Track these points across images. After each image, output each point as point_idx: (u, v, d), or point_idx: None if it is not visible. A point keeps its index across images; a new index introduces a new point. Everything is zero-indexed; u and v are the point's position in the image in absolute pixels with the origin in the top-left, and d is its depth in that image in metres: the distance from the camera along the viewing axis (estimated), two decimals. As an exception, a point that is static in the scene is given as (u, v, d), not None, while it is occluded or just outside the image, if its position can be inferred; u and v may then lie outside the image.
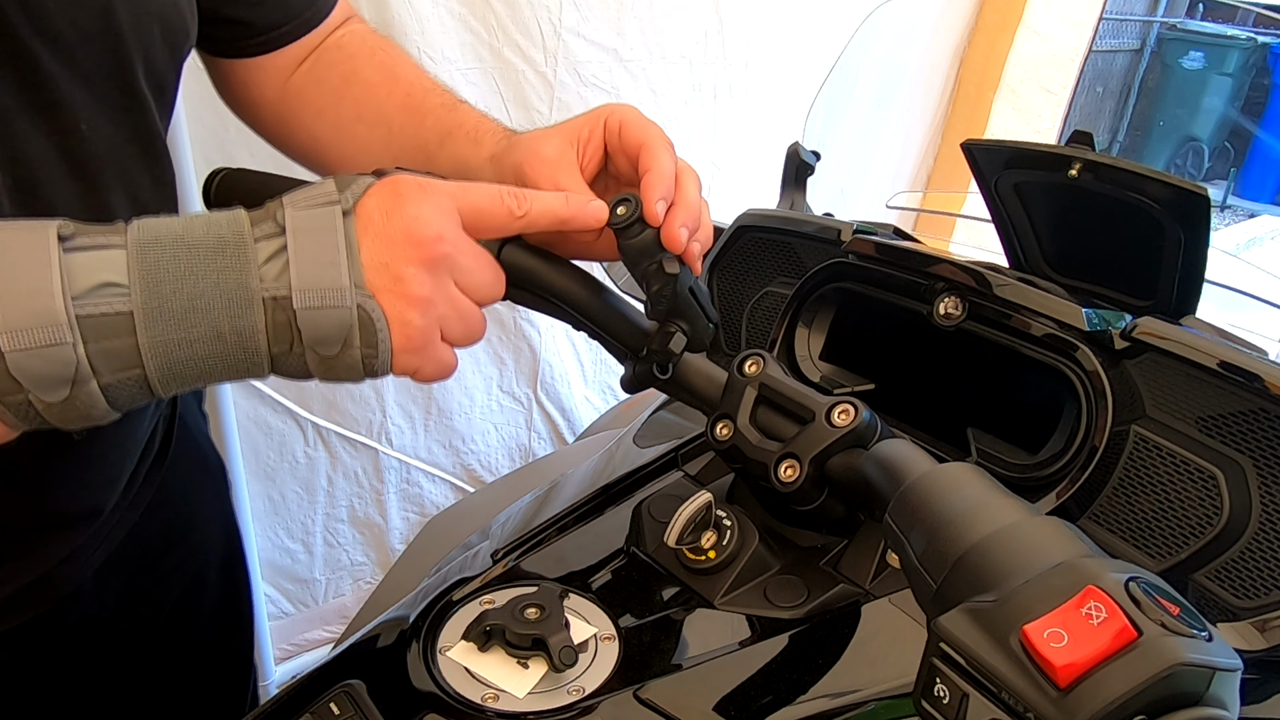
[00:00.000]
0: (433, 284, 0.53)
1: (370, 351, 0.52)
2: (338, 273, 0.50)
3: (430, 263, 0.52)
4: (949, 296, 0.78)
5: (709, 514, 0.69)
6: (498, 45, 1.57)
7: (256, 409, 1.60)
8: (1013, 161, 0.86)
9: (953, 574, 0.45)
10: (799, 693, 0.61)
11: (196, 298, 0.48)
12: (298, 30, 0.79)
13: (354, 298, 0.51)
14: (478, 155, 0.74)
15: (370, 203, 0.52)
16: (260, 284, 0.50)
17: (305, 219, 0.51)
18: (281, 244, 0.50)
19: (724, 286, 0.99)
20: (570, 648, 0.59)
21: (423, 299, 0.52)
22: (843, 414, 0.62)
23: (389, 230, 0.52)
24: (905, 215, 2.05)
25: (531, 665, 0.59)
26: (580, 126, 0.68)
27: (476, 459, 1.95)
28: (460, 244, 0.54)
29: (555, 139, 0.68)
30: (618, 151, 0.68)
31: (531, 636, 0.58)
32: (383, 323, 0.51)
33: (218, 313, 0.49)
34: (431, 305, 0.53)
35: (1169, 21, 6.81)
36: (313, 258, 0.50)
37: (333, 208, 0.52)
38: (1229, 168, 6.59)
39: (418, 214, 0.52)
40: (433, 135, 0.79)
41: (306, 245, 0.50)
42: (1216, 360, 0.66)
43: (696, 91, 1.90)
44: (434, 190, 0.54)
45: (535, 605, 0.60)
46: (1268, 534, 0.64)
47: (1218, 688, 0.37)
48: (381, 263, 0.51)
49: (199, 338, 0.49)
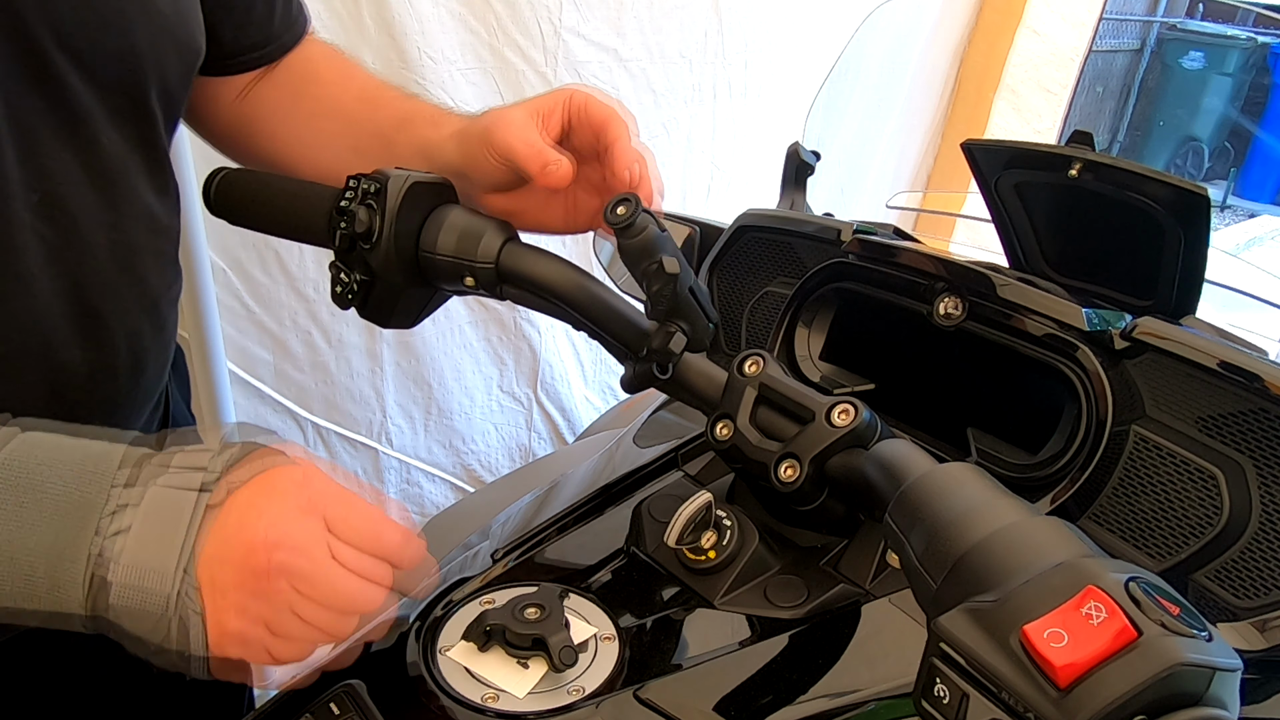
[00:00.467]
0: (255, 590, 0.49)
1: (183, 641, 0.49)
2: (167, 557, 0.48)
3: (258, 572, 0.49)
4: (949, 296, 0.78)
5: (709, 514, 0.69)
6: (498, 45, 1.57)
7: (256, 409, 1.60)
8: (1013, 161, 0.86)
9: (953, 574, 0.45)
10: (799, 693, 0.61)
11: (18, 535, 0.47)
12: (275, 53, 0.82)
13: (178, 584, 0.48)
14: (438, 135, 0.78)
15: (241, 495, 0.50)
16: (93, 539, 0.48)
17: (163, 499, 0.49)
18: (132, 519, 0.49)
19: (724, 286, 0.99)
20: (570, 648, 0.59)
21: (239, 604, 0.49)
22: (843, 414, 0.62)
23: (228, 525, 0.49)
24: (905, 215, 2.05)
25: (531, 665, 0.59)
26: (544, 102, 0.74)
27: (476, 459, 1.95)
28: (311, 549, 0.50)
29: (520, 110, 0.73)
30: (582, 126, 0.73)
31: (531, 636, 0.58)
32: (199, 627, 0.49)
33: (37, 559, 0.47)
34: (248, 612, 0.49)
35: (1169, 21, 6.81)
36: (148, 537, 0.48)
37: (193, 494, 0.49)
38: (1229, 168, 6.58)
39: (265, 510, 0.50)
40: (389, 122, 0.82)
41: (150, 525, 0.48)
42: (1216, 360, 0.66)
43: (696, 91, 1.90)
44: (305, 484, 0.51)
45: (535, 605, 0.60)
46: (1268, 534, 0.64)
47: (1218, 688, 0.37)
48: (210, 556, 0.49)
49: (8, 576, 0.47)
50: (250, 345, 1.56)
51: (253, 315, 1.53)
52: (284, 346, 1.58)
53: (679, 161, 1.96)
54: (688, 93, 1.89)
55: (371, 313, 0.74)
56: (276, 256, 1.51)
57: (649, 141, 1.98)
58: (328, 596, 0.51)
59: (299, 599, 0.50)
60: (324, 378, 1.65)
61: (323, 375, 1.65)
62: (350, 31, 1.41)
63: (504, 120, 0.72)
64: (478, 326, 1.82)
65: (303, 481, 0.51)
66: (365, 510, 0.53)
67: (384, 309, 0.74)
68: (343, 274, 0.73)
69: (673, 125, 1.89)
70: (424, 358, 1.76)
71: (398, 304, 0.74)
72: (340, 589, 0.51)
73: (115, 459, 0.50)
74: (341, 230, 0.71)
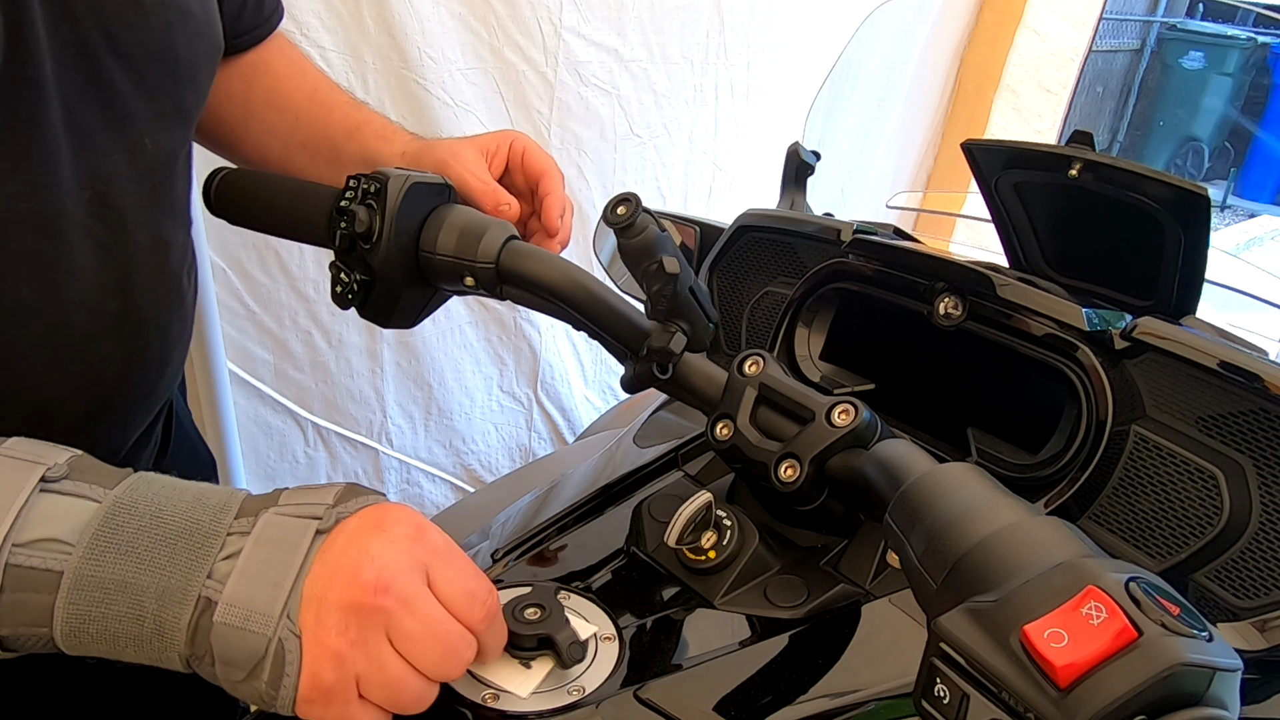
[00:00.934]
0: (357, 636, 0.47)
1: (272, 692, 0.48)
2: (274, 596, 0.47)
3: (362, 611, 0.47)
4: (949, 296, 0.78)
5: (709, 514, 0.69)
6: (498, 45, 1.57)
7: (256, 409, 1.60)
8: (1013, 161, 0.86)
9: (953, 574, 0.44)
10: (799, 693, 0.61)
11: (132, 575, 0.46)
12: (248, 43, 0.83)
13: (279, 629, 0.47)
14: (388, 150, 0.83)
15: (350, 525, 0.49)
16: (204, 580, 0.47)
17: (277, 528, 0.48)
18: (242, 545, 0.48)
19: (724, 286, 0.99)
20: (577, 643, 0.59)
21: (339, 652, 0.47)
22: (843, 414, 0.62)
23: (341, 562, 0.48)
24: (905, 215, 2.05)
25: (535, 665, 0.59)
26: (489, 143, 0.82)
27: (476, 459, 1.95)
28: (414, 603, 0.48)
29: (470, 148, 0.81)
30: (518, 170, 0.83)
31: (537, 636, 0.58)
32: (294, 666, 0.47)
33: (147, 599, 0.46)
34: (347, 661, 0.47)
35: (1169, 21, 6.81)
36: (258, 574, 0.47)
37: (310, 523, 0.49)
38: (1229, 168, 6.58)
39: (377, 554, 0.48)
40: (340, 128, 0.85)
41: (260, 557, 0.47)
42: (1216, 360, 0.66)
43: (698, 92, 1.90)
44: (418, 536, 0.50)
45: (534, 605, 0.60)
46: (1268, 534, 0.64)
47: (1218, 688, 0.37)
48: (316, 595, 0.47)
49: (117, 615, 0.46)
50: (250, 345, 1.56)
51: (253, 315, 1.53)
52: (284, 346, 1.58)
53: (680, 162, 1.96)
54: (689, 93, 1.89)
55: (371, 313, 0.75)
56: (276, 256, 1.51)
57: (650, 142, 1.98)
58: (420, 656, 0.49)
59: (393, 656, 0.48)
60: (324, 378, 1.65)
61: (323, 375, 1.65)
62: (350, 31, 1.41)
63: (459, 157, 0.79)
64: (478, 326, 1.82)
65: (410, 526, 0.50)
66: (466, 570, 0.51)
67: (384, 309, 0.74)
68: (343, 274, 0.73)
69: (674, 126, 1.89)
70: (424, 358, 1.76)
71: (398, 304, 0.74)
72: (433, 652, 0.49)
73: (235, 503, 0.49)
74: (341, 230, 0.71)
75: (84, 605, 0.46)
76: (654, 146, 1.88)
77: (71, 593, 0.45)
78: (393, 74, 1.48)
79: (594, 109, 1.73)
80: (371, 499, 0.52)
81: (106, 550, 0.46)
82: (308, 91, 0.87)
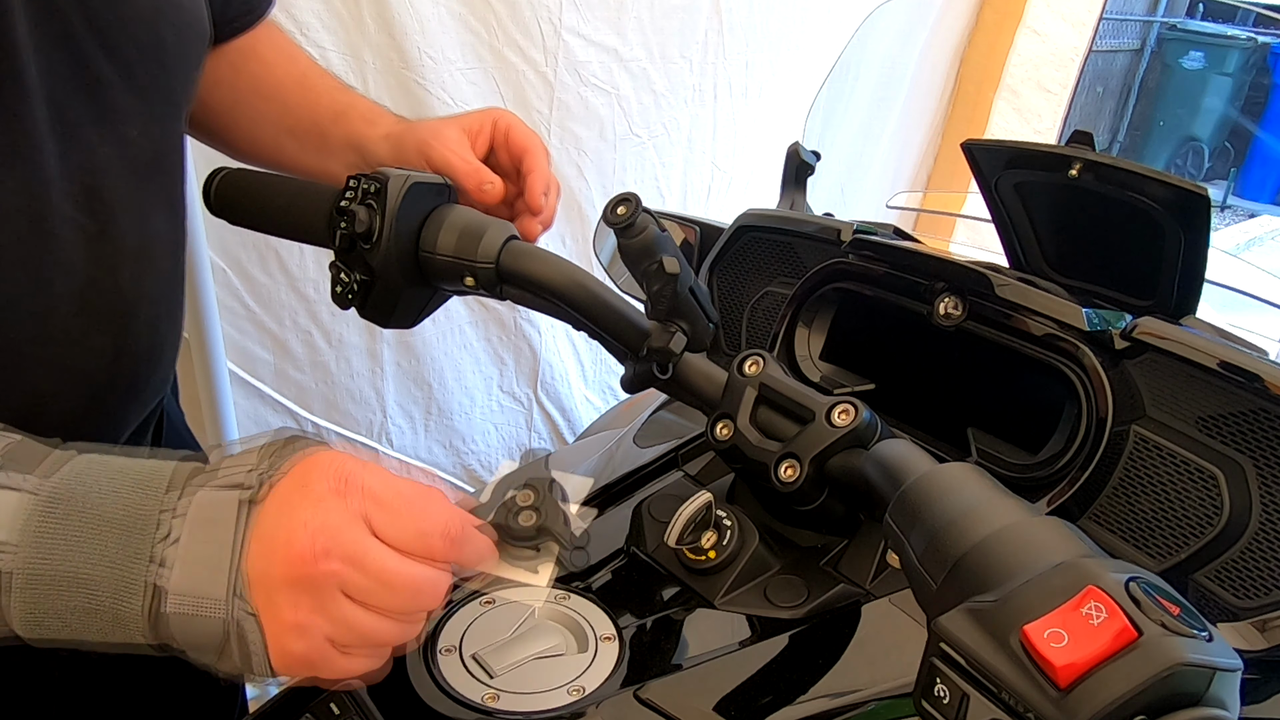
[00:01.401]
0: (313, 605, 0.45)
1: (248, 667, 0.47)
2: (217, 580, 0.45)
3: (308, 582, 0.45)
4: (949, 296, 0.78)
5: (709, 514, 0.69)
6: (498, 45, 1.57)
7: (257, 409, 1.60)
8: (1013, 161, 0.86)
9: (953, 574, 0.44)
10: (799, 693, 0.61)
11: (83, 569, 0.45)
12: (234, 31, 0.82)
13: (233, 611, 0.45)
14: (373, 132, 0.82)
15: (278, 490, 0.47)
16: (149, 568, 0.45)
17: (208, 504, 0.46)
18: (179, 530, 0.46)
19: (724, 286, 0.99)
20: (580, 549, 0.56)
21: (298, 624, 0.45)
22: (843, 414, 0.62)
23: (275, 535, 0.46)
24: (905, 215, 2.05)
25: (544, 548, 0.56)
26: (473, 121, 0.81)
27: (476, 459, 1.95)
28: (362, 559, 0.46)
29: (453, 128, 0.79)
30: (502, 148, 0.81)
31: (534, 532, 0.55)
32: (259, 644, 0.46)
33: (102, 592, 0.45)
34: (310, 630, 0.46)
35: (1169, 21, 6.81)
36: (197, 558, 0.45)
37: (235, 494, 0.46)
38: (1229, 168, 6.59)
39: (308, 520, 0.45)
40: (327, 113, 0.85)
41: (196, 541, 0.46)
42: (1216, 360, 0.66)
43: (697, 92, 1.90)
44: (346, 488, 0.47)
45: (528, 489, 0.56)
46: (1268, 534, 0.64)
47: (1218, 688, 0.37)
48: (259, 574, 0.45)
49: (76, 609, 0.45)
50: (250, 345, 1.56)
51: (253, 315, 1.53)
52: (284, 346, 1.58)
53: (679, 161, 1.96)
54: (688, 93, 1.89)
55: (371, 313, 0.75)
56: (276, 256, 1.51)
57: (649, 142, 1.98)
58: (386, 605, 0.47)
59: (357, 611, 0.47)
60: (324, 378, 1.65)
61: (323, 375, 1.65)
62: (350, 31, 1.41)
63: (441, 136, 0.78)
64: (478, 326, 1.82)
65: (335, 479, 0.47)
66: (412, 509, 0.49)
67: (384, 309, 0.74)
68: (343, 274, 0.73)
69: (673, 125, 1.89)
70: (424, 358, 1.76)
71: (398, 304, 0.74)
72: (398, 598, 0.47)
73: (166, 478, 0.47)
74: (341, 230, 0.71)
75: (39, 601, 0.45)
76: (653, 146, 1.88)
77: (24, 591, 0.45)
78: (393, 74, 1.48)
79: (593, 109, 1.73)
80: (298, 451, 0.48)
81: (53, 545, 0.45)
82: (296, 78, 0.86)
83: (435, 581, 0.49)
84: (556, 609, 0.66)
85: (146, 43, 0.63)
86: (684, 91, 1.88)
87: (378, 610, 0.47)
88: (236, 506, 0.46)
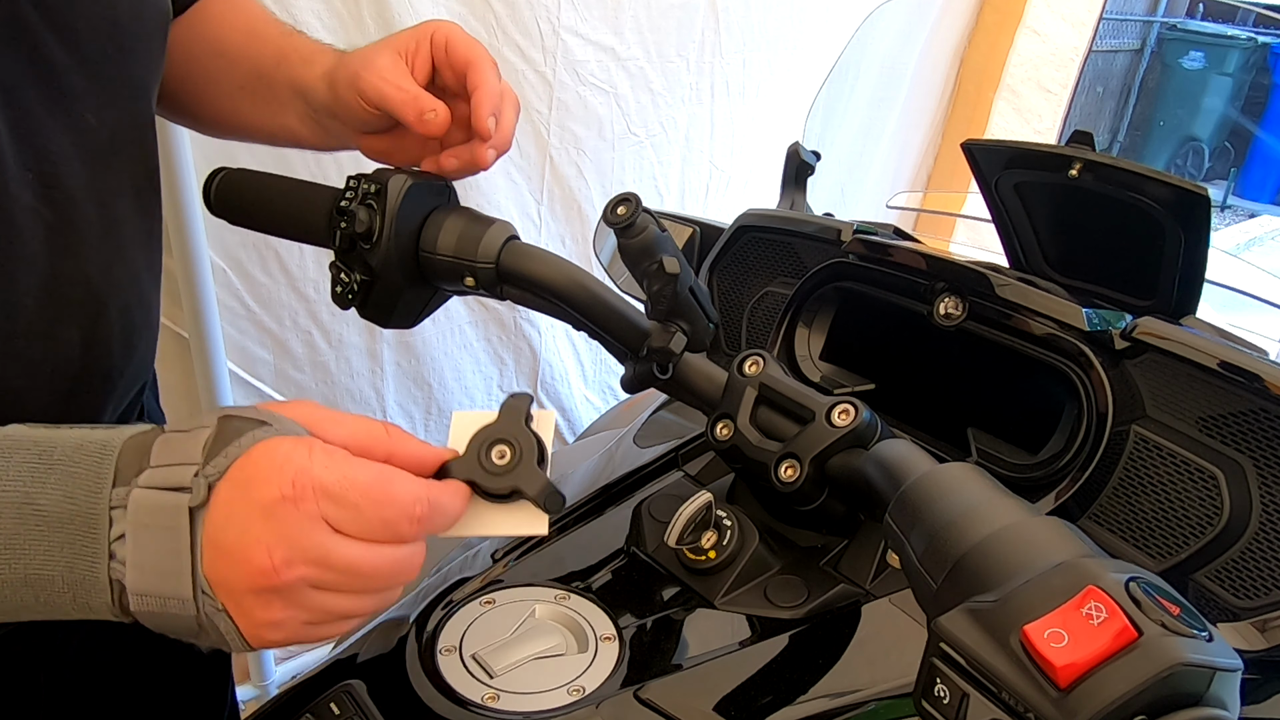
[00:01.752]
0: (285, 604, 0.45)
1: (227, 647, 0.47)
2: (178, 584, 0.44)
3: (274, 591, 0.44)
4: (949, 296, 0.78)
5: (709, 514, 0.69)
6: (497, 45, 1.57)
7: (256, 409, 1.60)
8: (1013, 161, 0.86)
9: (953, 574, 0.44)
10: (799, 693, 0.61)
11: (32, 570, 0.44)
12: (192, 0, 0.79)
13: (202, 605, 0.45)
14: (310, 74, 0.76)
15: (221, 495, 0.45)
16: (108, 564, 0.44)
17: (150, 511, 0.44)
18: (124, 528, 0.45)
19: (724, 286, 0.99)
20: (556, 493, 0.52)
21: (272, 621, 0.45)
22: (843, 414, 0.62)
23: (228, 546, 0.44)
24: (905, 215, 2.05)
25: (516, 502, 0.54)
26: (408, 40, 0.72)
27: (476, 459, 1.95)
28: (328, 559, 0.45)
29: (386, 52, 0.71)
30: (445, 66, 0.72)
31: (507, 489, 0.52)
32: (234, 634, 0.46)
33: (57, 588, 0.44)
34: (286, 623, 0.46)
35: (1169, 21, 6.81)
36: (152, 566, 0.44)
37: (181, 498, 0.44)
38: (1229, 168, 6.59)
39: (260, 535, 0.44)
40: (269, 59, 0.79)
41: (147, 546, 0.44)
42: (1216, 360, 0.66)
43: (694, 91, 1.90)
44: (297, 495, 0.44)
45: (502, 443, 0.53)
46: (1268, 534, 0.64)
47: (1218, 688, 0.37)
48: (221, 580, 0.44)
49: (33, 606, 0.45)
50: (250, 345, 1.56)
51: (253, 315, 1.53)
52: (284, 346, 1.58)
53: (677, 160, 1.96)
54: (685, 91, 1.89)
55: (371, 313, 0.74)
56: (276, 256, 1.51)
57: (647, 141, 1.98)
58: (361, 589, 0.47)
59: (331, 598, 0.47)
60: (324, 378, 1.65)
61: (323, 375, 1.65)
62: (350, 30, 1.41)
63: (372, 65, 0.70)
64: (478, 326, 1.82)
65: (282, 484, 0.45)
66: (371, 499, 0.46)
67: (384, 309, 0.74)
68: (343, 274, 0.73)
69: (670, 124, 1.89)
70: (424, 358, 1.76)
71: (398, 304, 0.74)
72: (372, 583, 0.47)
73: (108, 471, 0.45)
74: (341, 230, 0.71)
75: None
76: (651, 145, 1.88)
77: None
78: (392, 74, 1.48)
79: (592, 108, 1.73)
80: (239, 443, 0.46)
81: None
82: (243, 29, 0.81)
83: (408, 559, 0.48)
84: (556, 609, 0.66)
85: (99, 23, 0.61)
86: (681, 90, 1.88)
87: (353, 593, 0.47)
88: (185, 514, 0.44)
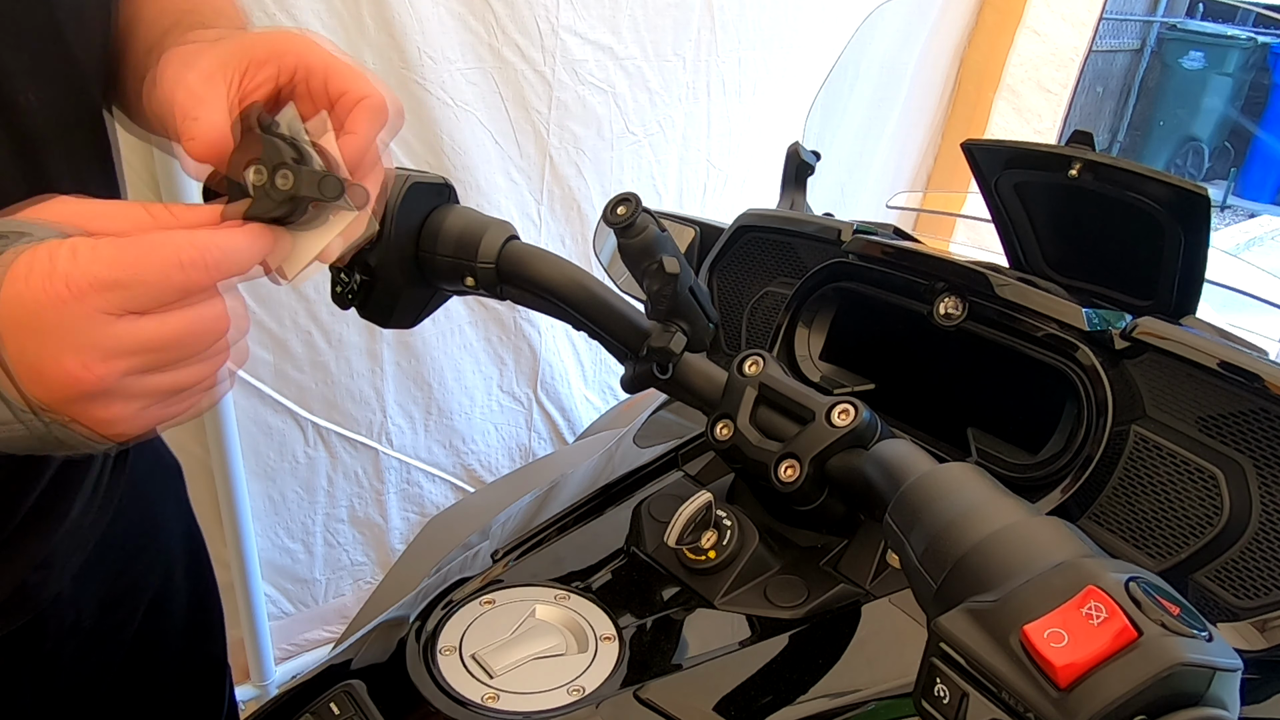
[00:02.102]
0: (113, 400, 0.44)
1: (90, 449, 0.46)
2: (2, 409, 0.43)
3: (91, 396, 0.43)
4: (949, 296, 0.78)
5: (709, 514, 0.69)
6: (497, 45, 1.57)
7: (256, 409, 1.60)
8: (1013, 161, 0.86)
9: (953, 574, 0.45)
10: (799, 693, 0.61)
11: None
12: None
13: (41, 422, 0.44)
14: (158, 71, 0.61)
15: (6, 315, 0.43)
16: None
17: None
18: None
19: (724, 286, 0.99)
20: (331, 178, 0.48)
21: (113, 418, 0.45)
22: (843, 414, 0.62)
23: (34, 366, 0.43)
24: (905, 215, 2.05)
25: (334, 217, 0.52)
26: (242, 61, 0.54)
27: (476, 459, 1.95)
28: (129, 344, 0.44)
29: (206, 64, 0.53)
30: (306, 96, 0.57)
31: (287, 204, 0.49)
32: (90, 435, 0.45)
33: None
34: (128, 417, 0.45)
35: (1169, 21, 6.81)
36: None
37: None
38: (1229, 168, 6.59)
39: (54, 352, 0.42)
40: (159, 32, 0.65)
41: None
42: (1216, 360, 0.66)
43: (690, 89, 1.90)
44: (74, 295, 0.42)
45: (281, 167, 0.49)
46: (1268, 534, 0.64)
47: (1218, 688, 0.37)
48: (46, 396, 0.43)
49: None
50: (250, 345, 1.56)
51: (253, 315, 1.53)
52: (284, 346, 1.58)
53: (675, 159, 1.96)
54: (682, 90, 1.89)
55: (371, 313, 0.74)
56: (276, 256, 1.51)
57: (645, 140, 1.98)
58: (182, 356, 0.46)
59: (159, 378, 0.45)
60: (324, 378, 1.65)
61: (323, 375, 1.65)
62: (350, 31, 1.41)
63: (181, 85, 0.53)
64: (478, 326, 1.82)
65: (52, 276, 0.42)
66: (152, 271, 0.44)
67: (384, 309, 0.74)
68: (343, 274, 0.73)
69: (668, 124, 1.89)
70: (424, 358, 1.76)
71: (398, 304, 0.74)
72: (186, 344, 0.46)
73: None
74: (341, 230, 0.71)
75: None
76: (649, 144, 1.88)
77: None
78: (393, 74, 1.48)
79: (591, 107, 1.73)
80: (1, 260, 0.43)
81: None
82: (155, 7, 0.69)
83: (212, 314, 0.47)
84: (556, 609, 0.66)
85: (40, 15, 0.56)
86: (678, 89, 1.88)
87: (177, 367, 0.46)
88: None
